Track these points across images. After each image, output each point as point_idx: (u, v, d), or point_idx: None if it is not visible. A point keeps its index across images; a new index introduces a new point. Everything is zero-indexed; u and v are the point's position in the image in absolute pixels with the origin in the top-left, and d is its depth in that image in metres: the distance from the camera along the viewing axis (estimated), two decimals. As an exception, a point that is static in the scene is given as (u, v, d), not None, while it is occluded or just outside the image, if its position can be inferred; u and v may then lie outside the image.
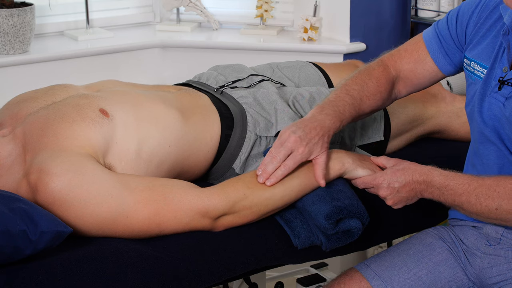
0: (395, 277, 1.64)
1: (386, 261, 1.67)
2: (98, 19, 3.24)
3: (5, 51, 2.82)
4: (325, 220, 1.55)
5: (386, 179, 1.60)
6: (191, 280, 1.48)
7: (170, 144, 1.67)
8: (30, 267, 1.37)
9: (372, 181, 1.62)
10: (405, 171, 1.58)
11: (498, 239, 1.62)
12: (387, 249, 1.73)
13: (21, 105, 1.65)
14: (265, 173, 1.57)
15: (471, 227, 1.67)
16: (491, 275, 1.62)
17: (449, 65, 1.70)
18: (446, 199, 1.54)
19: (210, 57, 3.12)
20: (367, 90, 1.69)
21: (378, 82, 1.71)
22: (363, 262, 1.70)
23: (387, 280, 1.63)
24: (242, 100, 1.84)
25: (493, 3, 1.59)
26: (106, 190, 1.47)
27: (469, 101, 1.62)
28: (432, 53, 1.70)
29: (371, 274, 1.65)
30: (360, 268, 1.67)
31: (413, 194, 1.59)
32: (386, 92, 1.73)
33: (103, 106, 1.62)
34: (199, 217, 1.54)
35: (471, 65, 1.61)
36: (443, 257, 1.67)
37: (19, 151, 1.54)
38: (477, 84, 1.59)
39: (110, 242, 1.47)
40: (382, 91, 1.71)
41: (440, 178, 1.55)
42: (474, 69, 1.60)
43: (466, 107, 1.64)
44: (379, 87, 1.71)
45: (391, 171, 1.60)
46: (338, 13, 3.11)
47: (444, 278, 1.65)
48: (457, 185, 1.52)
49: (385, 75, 1.73)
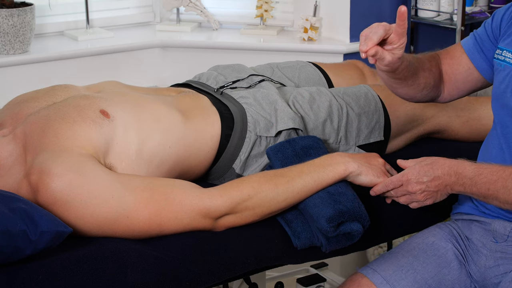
0: (402, 281, 1.62)
1: (392, 264, 1.66)
2: (98, 19, 3.24)
3: (5, 51, 2.82)
4: (327, 223, 1.54)
5: (414, 174, 1.58)
6: (191, 280, 1.48)
7: (171, 144, 1.67)
8: (30, 267, 1.37)
9: (401, 178, 1.60)
10: (434, 165, 1.57)
11: (506, 235, 1.61)
12: (390, 250, 1.72)
13: (22, 105, 1.65)
14: None
15: (477, 222, 1.67)
16: (497, 274, 1.61)
17: (484, 61, 1.71)
18: (479, 189, 1.52)
19: (210, 57, 3.12)
20: (423, 64, 1.71)
21: (430, 62, 1.74)
22: (369, 266, 1.68)
23: (395, 285, 1.61)
24: (242, 100, 1.84)
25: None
26: (107, 190, 1.47)
27: (497, 87, 1.63)
28: (467, 50, 1.73)
29: (379, 279, 1.63)
30: (367, 273, 1.66)
31: (442, 188, 1.57)
32: (437, 74, 1.75)
33: (103, 107, 1.62)
34: (200, 218, 1.54)
35: (503, 54, 1.63)
36: (447, 258, 1.66)
37: (20, 152, 1.54)
38: (506, 70, 1.60)
39: (110, 242, 1.47)
40: (434, 71, 1.73)
41: (472, 168, 1.54)
42: (505, 57, 1.62)
43: (493, 92, 1.65)
44: (431, 66, 1.73)
45: (419, 166, 1.59)
46: (338, 13, 3.12)
47: (448, 281, 1.64)
48: (490, 172, 1.51)
49: (434, 60, 1.76)
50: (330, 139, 1.87)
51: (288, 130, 1.80)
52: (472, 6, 3.18)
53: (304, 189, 1.60)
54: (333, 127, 1.87)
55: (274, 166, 1.71)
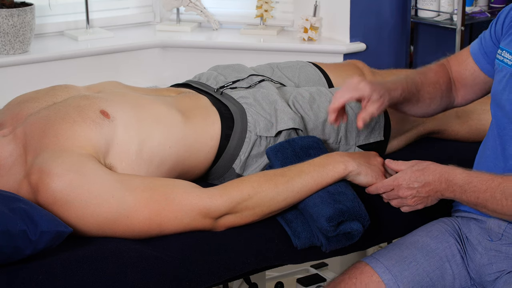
0: (405, 272, 1.64)
1: (395, 254, 1.67)
2: (98, 19, 3.24)
3: (5, 51, 2.82)
4: (327, 223, 1.54)
5: (405, 179, 1.60)
6: (191, 280, 1.48)
7: (171, 144, 1.67)
8: (30, 267, 1.37)
9: (392, 182, 1.62)
10: (425, 171, 1.59)
11: (500, 234, 1.62)
12: (394, 241, 1.73)
13: (22, 106, 1.65)
14: None
15: (475, 220, 1.67)
16: (490, 272, 1.62)
17: (487, 63, 1.72)
18: (469, 197, 1.54)
19: (210, 57, 3.12)
20: (427, 78, 1.76)
21: (436, 73, 1.78)
22: (372, 256, 1.69)
23: (397, 275, 1.63)
24: (242, 100, 1.84)
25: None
26: (107, 190, 1.47)
27: (495, 87, 1.64)
28: (473, 53, 1.75)
29: (382, 268, 1.64)
30: (370, 262, 1.67)
31: (433, 193, 1.58)
32: (445, 84, 1.78)
33: (104, 107, 1.62)
34: (200, 218, 1.54)
35: (502, 54, 1.64)
36: (450, 252, 1.67)
37: (20, 152, 1.54)
38: (504, 71, 1.61)
39: (110, 242, 1.47)
40: (441, 82, 1.77)
41: (463, 176, 1.55)
42: (503, 57, 1.62)
43: (492, 93, 1.67)
44: (438, 78, 1.77)
45: (411, 171, 1.60)
46: (338, 13, 3.12)
47: (449, 275, 1.65)
48: (480, 182, 1.52)
49: (443, 69, 1.81)
50: (330, 139, 1.87)
51: (288, 130, 1.80)
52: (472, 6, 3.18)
53: (304, 189, 1.61)
54: (333, 127, 1.87)
55: (274, 166, 1.71)
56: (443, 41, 3.33)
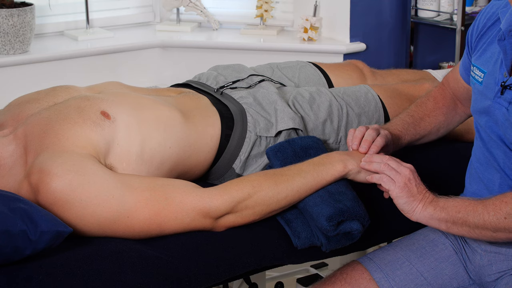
0: (397, 271, 1.65)
1: (389, 255, 1.68)
2: (98, 19, 3.24)
3: (5, 51, 2.82)
4: (327, 222, 1.55)
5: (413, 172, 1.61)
6: (191, 280, 1.48)
7: (171, 145, 1.67)
8: (30, 267, 1.37)
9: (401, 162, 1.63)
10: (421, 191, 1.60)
11: None
12: (390, 243, 1.74)
13: (23, 106, 1.65)
14: None
15: None
16: (490, 273, 1.62)
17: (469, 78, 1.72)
18: (449, 212, 1.54)
19: (210, 57, 3.12)
20: (426, 109, 1.84)
21: (435, 100, 1.85)
22: (366, 255, 1.70)
23: (389, 274, 1.64)
24: (242, 100, 1.84)
25: (495, 9, 1.60)
26: (107, 190, 1.47)
27: (472, 105, 1.65)
28: (460, 71, 1.77)
29: (374, 267, 1.65)
30: (363, 261, 1.68)
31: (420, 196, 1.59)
32: (445, 107, 1.84)
33: (104, 108, 1.62)
34: (200, 217, 1.54)
35: (473, 70, 1.64)
36: (445, 253, 1.67)
37: (21, 152, 1.54)
38: (476, 88, 1.61)
39: (110, 242, 1.47)
40: (440, 107, 1.84)
41: (445, 198, 1.57)
42: (475, 74, 1.62)
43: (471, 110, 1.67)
44: (436, 104, 1.84)
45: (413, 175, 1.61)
46: (338, 13, 3.12)
47: (445, 275, 1.66)
48: (460, 200, 1.54)
49: (441, 92, 1.86)
50: (330, 139, 1.87)
51: (288, 130, 1.80)
52: (472, 6, 3.18)
53: (303, 187, 1.60)
54: (333, 127, 1.87)
55: (274, 166, 1.71)
56: (443, 41, 3.34)
